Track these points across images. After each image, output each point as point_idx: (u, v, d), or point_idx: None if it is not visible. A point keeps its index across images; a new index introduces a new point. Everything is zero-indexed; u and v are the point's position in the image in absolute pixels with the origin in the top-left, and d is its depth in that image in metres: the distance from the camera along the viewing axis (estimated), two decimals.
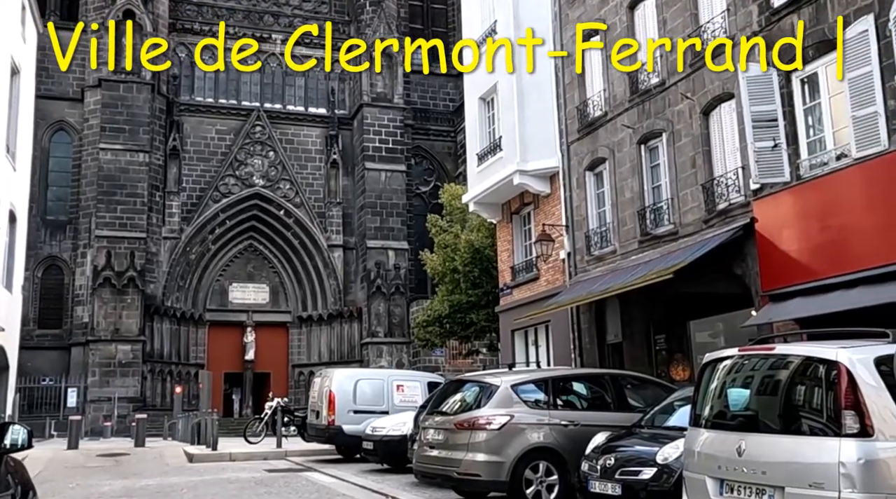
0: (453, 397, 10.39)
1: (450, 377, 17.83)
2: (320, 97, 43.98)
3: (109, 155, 37.86)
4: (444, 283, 27.34)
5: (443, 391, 10.68)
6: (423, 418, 10.68)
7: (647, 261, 16.27)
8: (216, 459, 17.06)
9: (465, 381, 10.63)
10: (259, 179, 41.79)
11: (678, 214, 15.90)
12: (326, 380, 16.74)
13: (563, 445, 9.48)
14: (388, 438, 13.97)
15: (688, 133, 15.73)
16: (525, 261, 22.00)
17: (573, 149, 19.66)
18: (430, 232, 28.72)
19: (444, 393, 10.62)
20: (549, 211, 20.60)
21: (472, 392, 10.07)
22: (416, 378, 17.57)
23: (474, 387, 10.10)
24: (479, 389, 9.89)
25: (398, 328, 40.65)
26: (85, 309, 37.77)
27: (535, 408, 9.72)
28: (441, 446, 9.79)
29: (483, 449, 9.31)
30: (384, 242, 41.24)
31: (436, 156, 46.00)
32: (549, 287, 20.36)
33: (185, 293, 40.69)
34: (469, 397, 10.05)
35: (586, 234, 18.95)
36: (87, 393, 35.73)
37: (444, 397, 10.52)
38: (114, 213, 37.44)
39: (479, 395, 9.82)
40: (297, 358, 42.54)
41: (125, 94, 38.34)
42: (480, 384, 10.00)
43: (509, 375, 10.42)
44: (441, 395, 10.65)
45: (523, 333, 22.30)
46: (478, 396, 9.83)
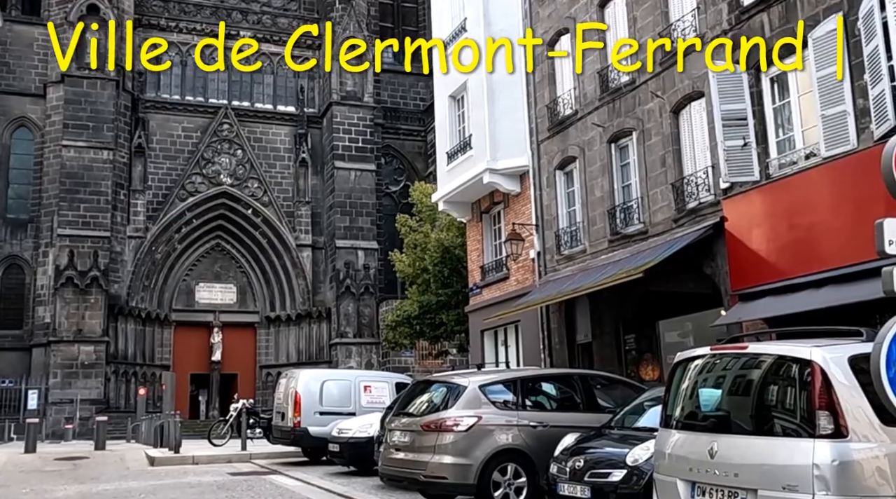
0: (420, 397, 10.16)
1: (418, 378, 17.61)
2: (289, 95, 43.50)
3: (72, 152, 37.08)
4: (414, 283, 27.09)
5: (409, 392, 10.44)
6: (388, 420, 10.44)
7: (616, 260, 16.18)
8: (178, 462, 16.66)
9: (433, 381, 10.40)
10: (227, 177, 41.22)
11: (648, 213, 15.82)
12: (292, 381, 16.41)
13: (532, 446, 9.30)
14: (355, 440, 13.71)
15: (658, 132, 15.66)
16: (495, 260, 21.84)
17: (543, 147, 19.54)
18: (400, 232, 28.45)
19: (410, 394, 10.38)
20: (519, 210, 20.46)
21: (439, 393, 9.84)
22: (384, 379, 17.31)
23: (441, 387, 9.88)
24: (447, 389, 9.67)
25: (367, 329, 40.30)
26: (47, 309, 36.97)
27: (504, 409, 9.53)
28: (407, 448, 9.56)
29: (450, 451, 9.10)
30: (353, 241, 40.87)
31: (406, 155, 45.75)
32: (518, 287, 20.22)
33: (151, 293, 39.99)
34: (436, 398, 9.82)
35: (556, 233, 18.83)
36: (48, 395, 34.94)
37: (410, 398, 10.28)
38: (77, 211, 36.68)
39: (446, 396, 9.59)
40: (265, 359, 42.03)
41: (89, 91, 37.58)
42: (448, 385, 9.78)
43: (477, 375, 10.21)
44: (408, 396, 10.41)
45: (493, 334, 22.15)
46: (445, 396, 9.61)
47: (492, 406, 9.44)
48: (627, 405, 9.03)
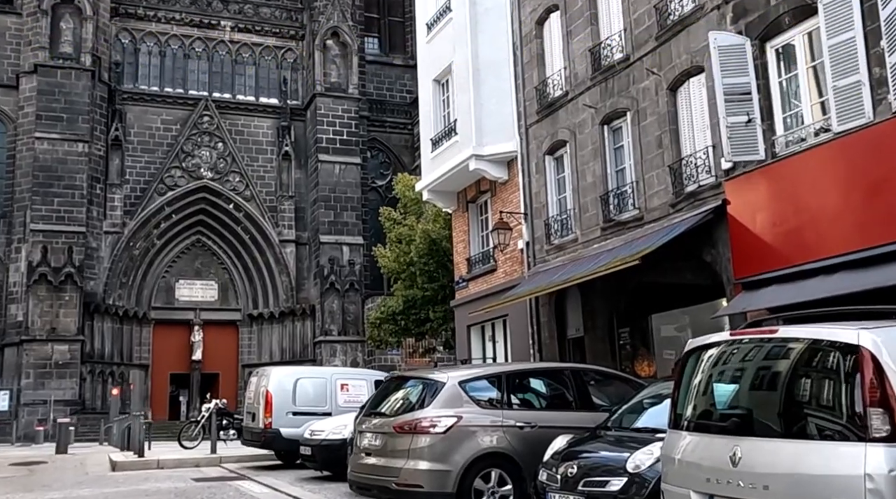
0: (394, 395, 9.08)
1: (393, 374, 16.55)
2: (272, 87, 42.33)
3: (46, 144, 35.81)
4: (399, 278, 26.03)
5: (383, 390, 9.35)
6: (359, 421, 9.38)
7: (610, 249, 15.19)
8: (142, 466, 15.55)
9: (408, 377, 9.32)
10: (207, 171, 40.02)
11: (644, 198, 14.84)
12: (263, 379, 15.30)
13: (519, 450, 8.27)
14: (328, 442, 12.63)
15: (654, 111, 14.67)
16: (482, 252, 20.82)
17: (532, 132, 18.54)
18: (384, 225, 27.38)
19: (384, 392, 9.30)
20: (506, 198, 19.45)
21: (414, 390, 8.78)
22: (362, 377, 16.20)
23: (418, 384, 8.81)
24: (423, 386, 8.60)
25: (353, 326, 39.20)
26: (19, 307, 35.70)
27: (487, 408, 8.48)
28: (378, 452, 8.52)
29: (426, 456, 8.06)
30: (338, 236, 39.76)
31: (392, 149, 44.65)
32: (506, 279, 19.21)
33: (129, 291, 38.76)
34: (412, 396, 8.76)
35: (546, 221, 17.83)
36: (20, 396, 33.68)
37: (383, 397, 9.21)
38: (50, 205, 35.42)
39: (422, 393, 8.54)
40: (248, 358, 40.84)
41: (63, 81, 36.33)
42: (424, 381, 8.71)
43: (457, 370, 9.15)
44: (381, 394, 9.33)
45: (480, 329, 21.13)
46: (421, 394, 8.55)
47: (474, 405, 8.39)
48: (626, 403, 7.99)
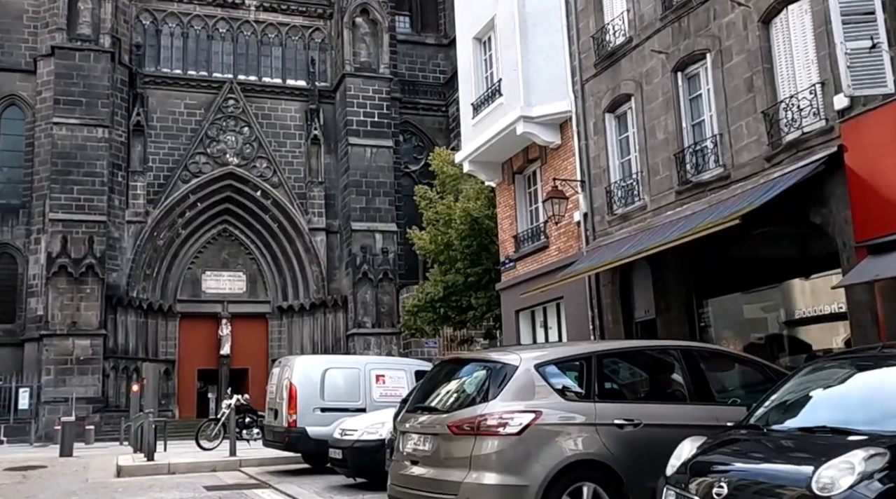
0: (447, 385, 6.90)
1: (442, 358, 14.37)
2: (299, 68, 40.38)
3: (64, 130, 34.18)
4: (437, 262, 23.86)
5: (431, 378, 7.14)
6: (401, 418, 7.23)
7: (689, 214, 12.91)
8: (150, 471, 13.61)
9: (465, 360, 7.11)
10: (233, 156, 38.18)
11: (730, 153, 12.54)
12: (287, 370, 13.22)
13: (619, 456, 6.08)
14: (361, 443, 10.52)
15: (741, 50, 12.37)
16: (530, 228, 18.60)
17: (589, 88, 16.29)
18: (419, 205, 25.23)
19: (433, 380, 7.09)
20: (559, 166, 17.20)
21: (475, 377, 6.58)
22: (401, 366, 14.03)
23: (479, 369, 6.61)
24: (487, 372, 6.42)
25: (387, 318, 37.16)
26: (39, 301, 34.15)
27: (574, 399, 6.28)
28: (428, 460, 6.38)
29: (494, 466, 5.91)
30: (370, 224, 37.71)
31: (426, 131, 42.47)
32: (560, 257, 16.98)
33: (153, 283, 37.05)
34: (471, 385, 6.57)
35: (607, 189, 15.58)
36: (40, 393, 32.12)
37: (432, 387, 7.04)
38: (70, 194, 33.79)
39: (486, 381, 6.35)
40: (278, 352, 38.82)
41: (81, 64, 34.67)
42: (488, 364, 6.51)
43: (531, 350, 6.97)
44: (429, 383, 7.13)
45: (529, 314, 18.91)
46: (484, 382, 6.36)
47: (556, 396, 6.20)
48: (773, 392, 5.70)
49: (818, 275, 11.85)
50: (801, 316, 12.44)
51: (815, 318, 11.98)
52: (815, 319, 12.00)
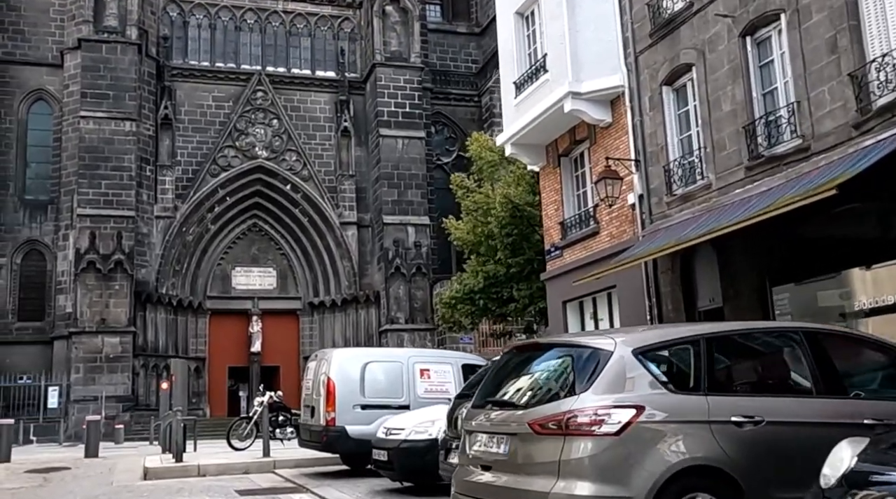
0: (521, 375, 5.80)
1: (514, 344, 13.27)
2: (328, 59, 39.46)
3: (91, 124, 33.55)
4: (476, 253, 22.80)
5: (501, 368, 6.06)
6: (466, 414, 6.14)
7: (763, 191, 11.72)
8: (179, 474, 12.69)
9: (544, 346, 6.00)
10: (262, 150, 37.36)
11: (809, 122, 11.32)
12: (323, 364, 12.21)
13: (738, 461, 4.97)
14: (409, 444, 9.47)
15: (822, 7, 11.14)
16: (579, 213, 17.47)
17: (643, 60, 15.12)
18: (456, 194, 24.19)
19: (502, 371, 6.01)
20: (610, 146, 16.05)
21: (558, 366, 5.48)
22: (447, 360, 12.97)
23: (562, 356, 5.51)
24: (573, 359, 5.32)
25: (420, 313, 36.14)
26: (68, 298, 33.58)
27: (682, 391, 5.17)
28: (504, 465, 5.31)
29: (589, 473, 4.83)
30: (403, 217, 36.69)
31: (458, 123, 41.36)
32: (613, 243, 15.84)
33: (182, 279, 36.34)
34: (553, 375, 5.48)
35: (665, 168, 14.41)
36: (70, 392, 31.52)
37: (503, 377, 5.95)
38: (97, 189, 33.16)
39: (572, 370, 5.26)
40: (309, 349, 37.91)
41: (108, 56, 34.02)
42: (575, 351, 5.39)
43: (627, 332, 5.84)
44: (498, 373, 6.02)
45: (578, 305, 17.77)
46: (571, 371, 5.26)
47: (660, 388, 5.10)
48: None
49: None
50: (888, 304, 11.21)
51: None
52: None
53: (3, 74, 35.47)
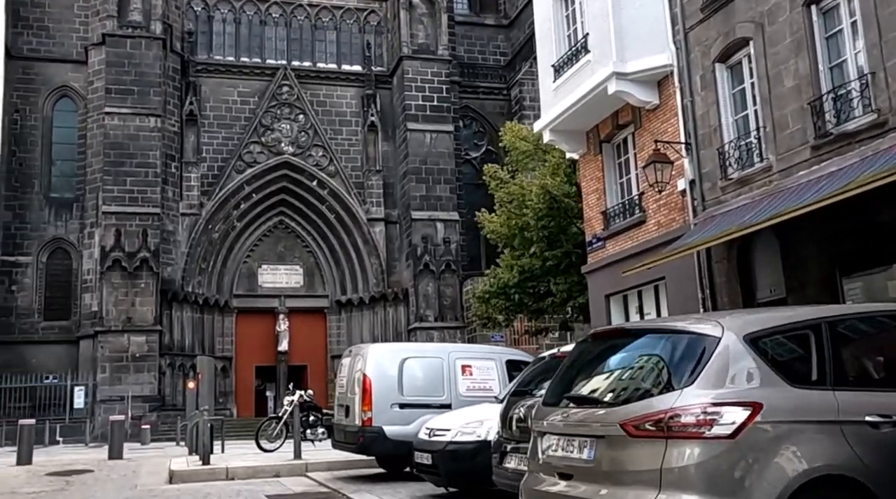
0: (604, 367, 4.90)
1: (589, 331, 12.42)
2: (354, 53, 38.78)
3: (116, 120, 33.12)
4: (510, 247, 21.96)
5: (576, 359, 5.19)
6: (536, 413, 5.27)
7: (832, 172, 10.78)
8: (206, 477, 11.98)
9: (631, 333, 5.09)
10: (288, 145, 36.75)
11: (885, 95, 10.38)
12: (359, 360, 11.44)
13: (877, 470, 4.10)
14: (456, 446, 8.66)
15: None
16: (622, 202, 16.57)
17: (694, 37, 14.21)
18: (489, 186, 23.36)
19: (578, 362, 5.14)
20: (657, 129, 15.14)
21: (652, 356, 4.57)
22: (490, 355, 12.12)
23: (655, 343, 4.60)
24: (670, 347, 4.47)
25: (450, 311, 35.34)
26: (93, 296, 33.15)
27: (804, 386, 4.32)
28: (588, 473, 4.47)
29: (699, 484, 3.97)
30: (431, 212, 35.91)
31: (486, 117, 40.49)
32: (661, 232, 14.94)
33: (208, 277, 35.83)
34: (646, 367, 4.57)
35: (719, 150, 13.49)
36: (96, 392, 31.08)
37: (578, 370, 5.11)
38: (122, 186, 32.71)
39: (669, 360, 4.41)
40: (337, 348, 37.35)
41: (132, 51, 33.57)
42: (672, 336, 4.49)
43: (736, 316, 4.94)
44: (574, 364, 5.16)
45: (621, 299, 16.86)
46: (668, 362, 4.41)
47: (779, 381, 4.22)
48: None
49: None
50: None
51: None
52: None
53: (27, 71, 35.17)
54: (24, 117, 34.93)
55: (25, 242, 34.31)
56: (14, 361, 31.83)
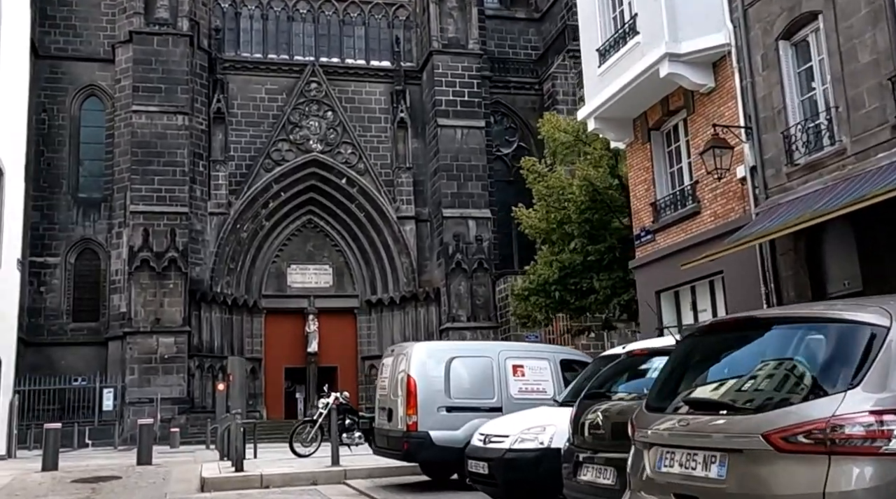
0: (724, 364, 4.06)
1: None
2: (383, 48, 38.09)
3: (143, 118, 32.68)
4: (549, 242, 21.12)
5: (685, 354, 4.32)
6: (638, 420, 4.40)
7: None
8: (240, 484, 11.26)
9: (760, 322, 4.18)
10: (316, 143, 36.12)
11: None
12: (402, 360, 10.62)
13: None
14: (516, 454, 7.84)
15: None
16: (674, 193, 15.66)
17: (753, 13, 13.29)
18: (526, 180, 22.53)
19: (688, 358, 4.29)
20: (712, 114, 14.22)
21: (791, 349, 3.75)
22: (543, 354, 11.24)
23: (798, 334, 3.77)
24: (820, 338, 3.61)
25: (483, 311, 34.49)
26: (122, 297, 32.71)
27: None
28: (718, 496, 3.65)
29: None
30: (463, 210, 35.09)
31: (518, 112, 39.59)
32: (718, 223, 14.03)
33: (237, 277, 35.28)
34: (789, 363, 3.67)
35: (784, 134, 12.55)
36: (125, 394, 30.62)
37: (687, 369, 4.26)
38: (150, 185, 32.26)
39: (817, 354, 3.55)
40: (367, 349, 36.76)
41: (159, 49, 33.14)
42: (821, 327, 3.61)
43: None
44: (682, 363, 4.29)
45: (672, 296, 15.94)
46: (814, 357, 3.57)
47: None
48: None
49: None
50: None
51: None
52: None
53: (55, 71, 34.88)
54: (52, 117, 34.64)
55: (53, 242, 34.00)
56: (43, 364, 31.48)
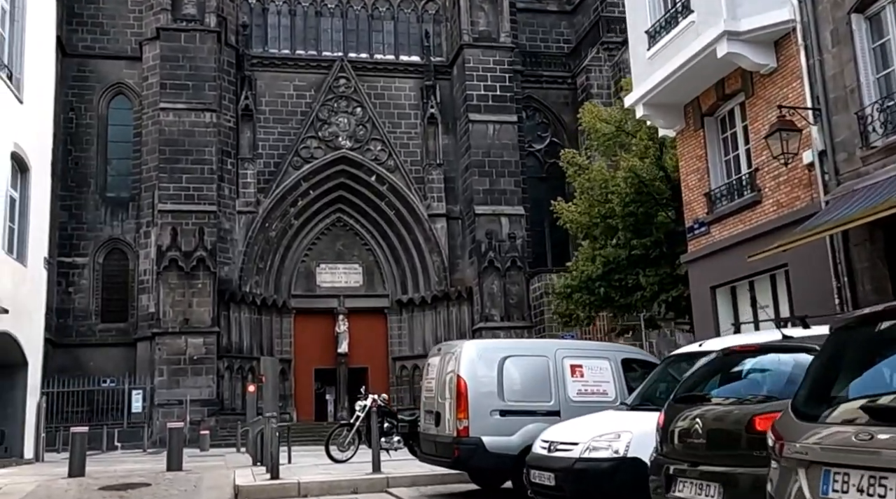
0: (892, 363, 3.35)
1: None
2: (413, 43, 37.38)
3: (171, 115, 32.24)
4: (591, 237, 20.26)
5: (837, 351, 3.42)
6: (786, 430, 3.47)
7: None
8: (276, 493, 10.53)
9: None
10: (345, 140, 35.49)
11: None
12: (450, 359, 9.82)
13: None
14: (587, 464, 7.01)
15: None
16: (730, 182, 14.72)
17: None
18: (566, 173, 21.67)
19: (836, 354, 3.45)
20: (773, 96, 13.27)
21: None
22: (602, 353, 10.37)
23: None
24: None
25: (517, 310, 33.63)
26: (150, 297, 32.28)
27: None
28: None
29: None
30: (495, 207, 34.27)
31: (550, 107, 38.70)
32: (781, 212, 13.07)
33: (266, 276, 34.72)
34: None
35: (858, 115, 11.59)
36: (154, 395, 30.14)
37: (835, 365, 3.41)
38: (178, 183, 31.79)
39: None
40: (399, 349, 36.05)
41: (187, 45, 32.69)
42: None
43: None
44: (832, 362, 3.47)
45: (729, 292, 14.99)
46: None
47: None
48: None
49: None
50: None
51: None
52: None
53: (82, 69, 34.58)
54: (80, 116, 34.33)
55: (82, 242, 33.67)
56: (71, 365, 31.11)
